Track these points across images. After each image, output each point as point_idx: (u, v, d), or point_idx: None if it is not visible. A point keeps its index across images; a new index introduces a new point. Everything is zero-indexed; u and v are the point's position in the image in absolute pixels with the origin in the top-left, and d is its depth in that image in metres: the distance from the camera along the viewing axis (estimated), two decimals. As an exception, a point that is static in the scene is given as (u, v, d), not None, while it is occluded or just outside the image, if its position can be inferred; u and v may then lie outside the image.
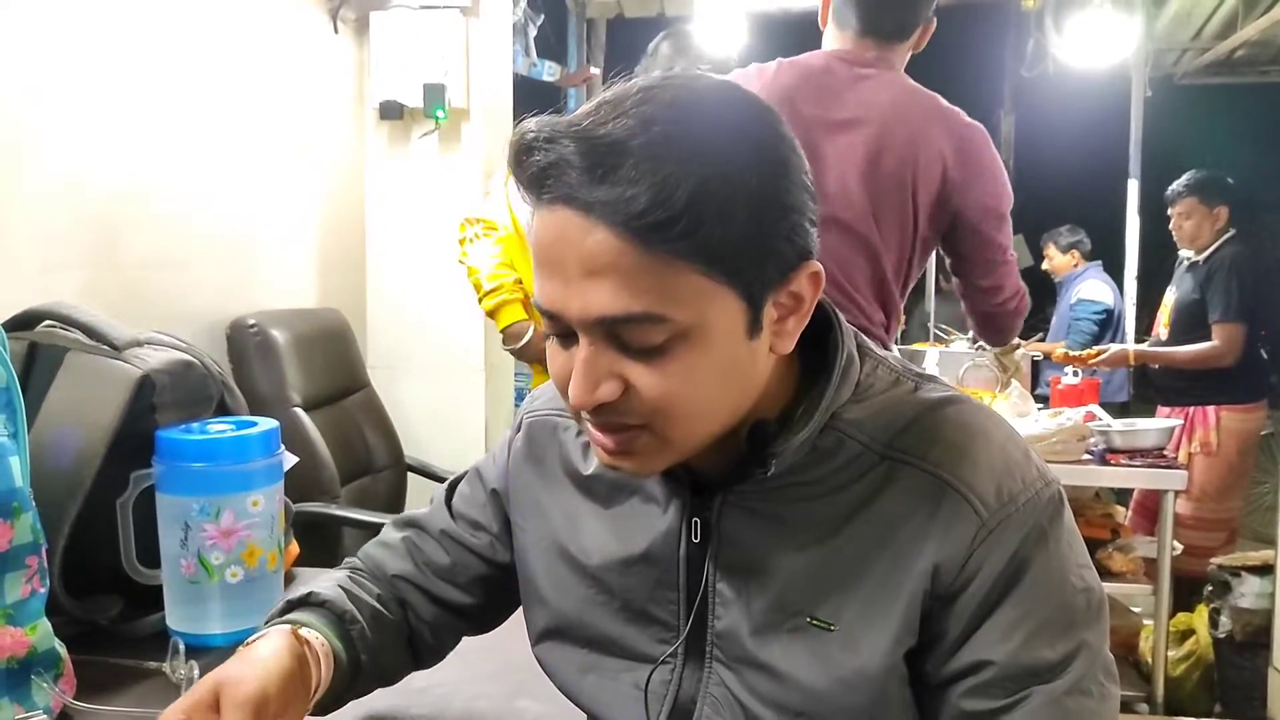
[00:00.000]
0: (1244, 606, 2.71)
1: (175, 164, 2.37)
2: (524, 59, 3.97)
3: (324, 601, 0.88)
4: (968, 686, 0.71)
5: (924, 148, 1.77)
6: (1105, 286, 4.83)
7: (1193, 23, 5.14)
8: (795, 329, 0.72)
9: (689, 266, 0.64)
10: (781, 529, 0.75)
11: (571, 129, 0.65)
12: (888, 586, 0.72)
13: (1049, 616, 0.70)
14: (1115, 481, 2.96)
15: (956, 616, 0.71)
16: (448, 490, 0.99)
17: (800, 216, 0.68)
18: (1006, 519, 0.71)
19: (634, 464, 0.73)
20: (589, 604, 0.85)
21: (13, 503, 0.88)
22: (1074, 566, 0.73)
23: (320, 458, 2.48)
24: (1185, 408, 3.48)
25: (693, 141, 0.64)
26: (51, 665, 0.93)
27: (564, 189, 0.64)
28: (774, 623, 0.75)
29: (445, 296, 3.21)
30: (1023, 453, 0.75)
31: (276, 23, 2.79)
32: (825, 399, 0.73)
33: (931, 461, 0.72)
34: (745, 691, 0.77)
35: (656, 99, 0.66)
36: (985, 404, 0.80)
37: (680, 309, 0.65)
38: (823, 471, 0.74)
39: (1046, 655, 0.70)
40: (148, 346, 1.20)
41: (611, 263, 0.64)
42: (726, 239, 0.64)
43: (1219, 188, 3.51)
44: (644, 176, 0.62)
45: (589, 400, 0.68)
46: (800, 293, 0.71)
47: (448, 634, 0.98)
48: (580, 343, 0.68)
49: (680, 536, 0.79)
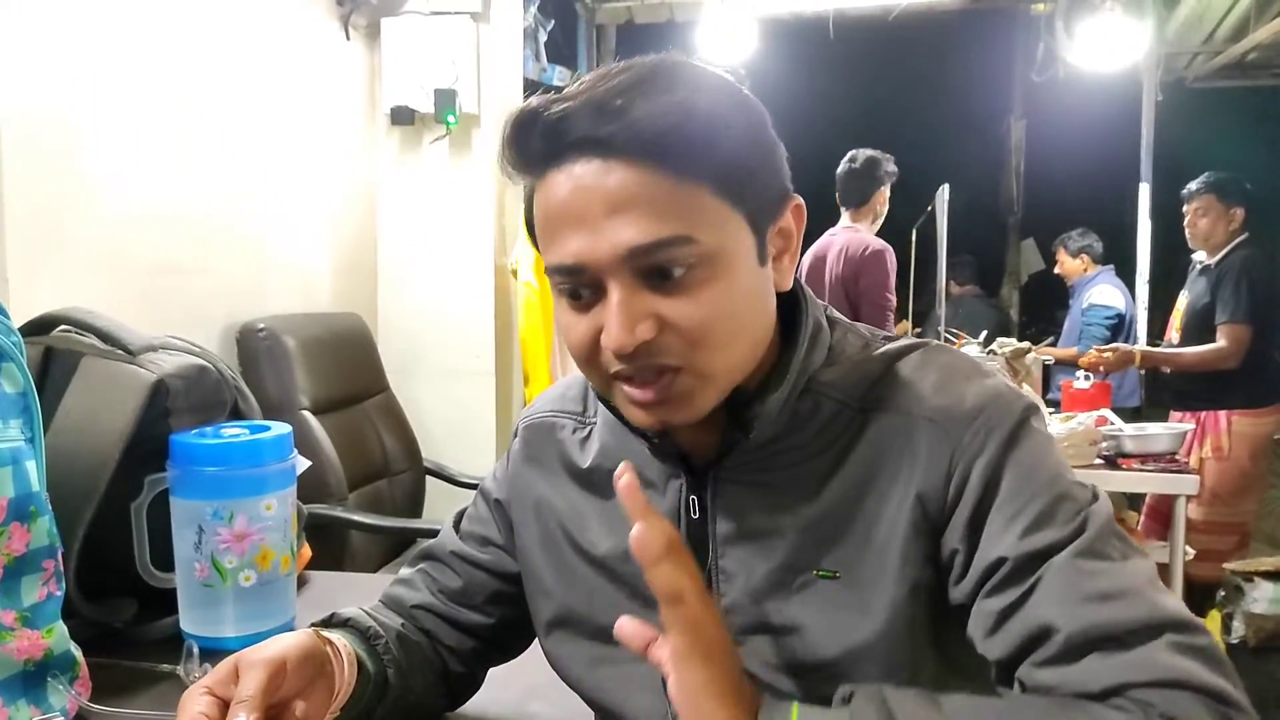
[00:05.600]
0: (1257, 612, 2.70)
1: (188, 169, 2.38)
2: (534, 64, 3.99)
3: (346, 620, 0.89)
4: (989, 588, 0.70)
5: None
6: (1117, 291, 4.81)
7: (1204, 26, 5.11)
8: (789, 267, 0.77)
9: (705, 189, 0.69)
10: (775, 495, 0.77)
11: (569, 94, 0.69)
12: (879, 526, 0.74)
13: (1047, 503, 0.70)
14: (1127, 486, 2.95)
15: (959, 534, 0.72)
16: (456, 518, 1.01)
17: (781, 151, 0.75)
18: (978, 430, 0.72)
19: (675, 410, 0.73)
20: (597, 593, 0.85)
21: (30, 506, 0.89)
22: (1059, 461, 0.73)
23: (329, 461, 2.49)
24: (1197, 412, 3.46)
25: (687, 82, 0.69)
26: (67, 668, 0.94)
27: (577, 135, 0.67)
28: (784, 583, 0.76)
29: (456, 300, 3.23)
30: (989, 375, 0.77)
31: (289, 30, 2.80)
32: (795, 360, 0.76)
33: (902, 404, 0.75)
34: (758, 663, 0.77)
35: (642, 63, 0.71)
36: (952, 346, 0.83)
37: (705, 231, 0.69)
38: (806, 434, 0.77)
39: (1053, 536, 0.69)
40: (162, 351, 1.20)
41: (634, 194, 0.67)
42: (733, 163, 0.70)
43: (1237, 189, 3.49)
44: (653, 107, 0.67)
45: (630, 341, 0.69)
46: (789, 229, 0.76)
47: (474, 660, 0.97)
48: (611, 289, 0.69)
49: (680, 517, 0.80)
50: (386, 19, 3.12)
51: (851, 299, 3.49)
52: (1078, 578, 0.67)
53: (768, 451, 0.77)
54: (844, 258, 3.53)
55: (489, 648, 0.98)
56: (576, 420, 0.90)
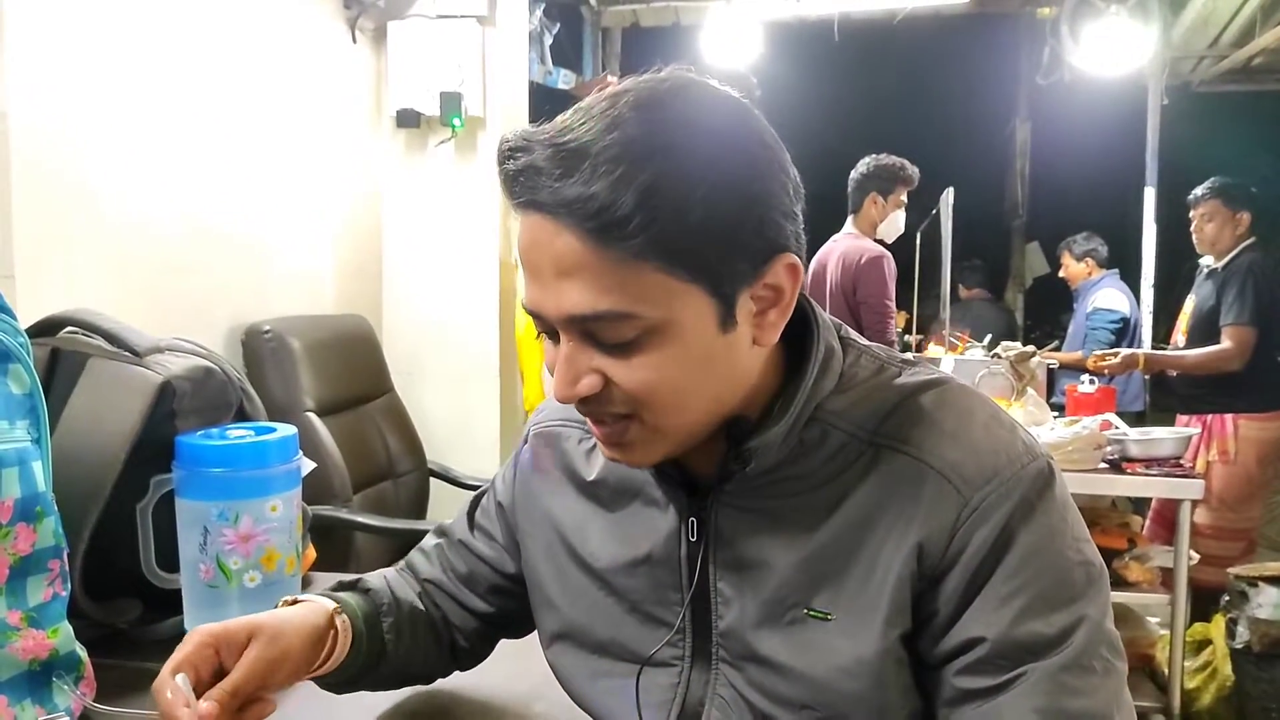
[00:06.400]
0: (1261, 617, 2.68)
1: (195, 171, 2.39)
2: (539, 67, 4.00)
3: (369, 590, 0.93)
4: (962, 665, 0.70)
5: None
6: (1121, 295, 4.81)
7: (1210, 30, 5.10)
8: (778, 321, 0.72)
9: (649, 265, 0.66)
10: (775, 524, 0.76)
11: (542, 136, 0.67)
12: (876, 571, 0.72)
13: (1043, 590, 0.69)
14: (1131, 490, 2.94)
15: (946, 596, 0.71)
16: (473, 500, 1.02)
17: (769, 210, 0.68)
18: (989, 495, 0.70)
19: (629, 454, 0.74)
20: (598, 607, 0.85)
21: (36, 507, 0.89)
22: (1069, 540, 0.72)
23: (333, 463, 2.49)
24: (1204, 415, 3.45)
25: (650, 141, 0.65)
26: (72, 668, 0.94)
27: (532, 193, 0.66)
28: (774, 616, 0.76)
29: (461, 303, 3.23)
30: (1008, 429, 0.75)
31: (295, 33, 2.81)
32: (801, 391, 0.74)
33: (914, 445, 0.73)
34: (751, 689, 0.77)
35: (625, 102, 0.67)
36: (969, 385, 0.80)
37: (647, 306, 0.67)
38: (811, 464, 0.75)
39: (1042, 630, 0.68)
40: (168, 353, 1.21)
41: (578, 264, 0.66)
42: (683, 235, 0.65)
43: (1243, 193, 3.48)
44: (600, 178, 0.64)
45: (570, 394, 0.70)
46: (779, 285, 0.71)
47: (478, 638, 1.00)
48: (561, 341, 0.70)
49: (680, 538, 0.80)
50: (393, 22, 3.13)
51: (851, 307, 3.50)
52: (1056, 693, 0.67)
53: (771, 478, 0.76)
54: (842, 266, 3.54)
55: (493, 629, 1.01)
56: (583, 431, 0.89)
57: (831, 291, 3.54)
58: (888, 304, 3.50)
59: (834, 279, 3.54)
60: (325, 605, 0.86)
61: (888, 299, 3.50)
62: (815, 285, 3.57)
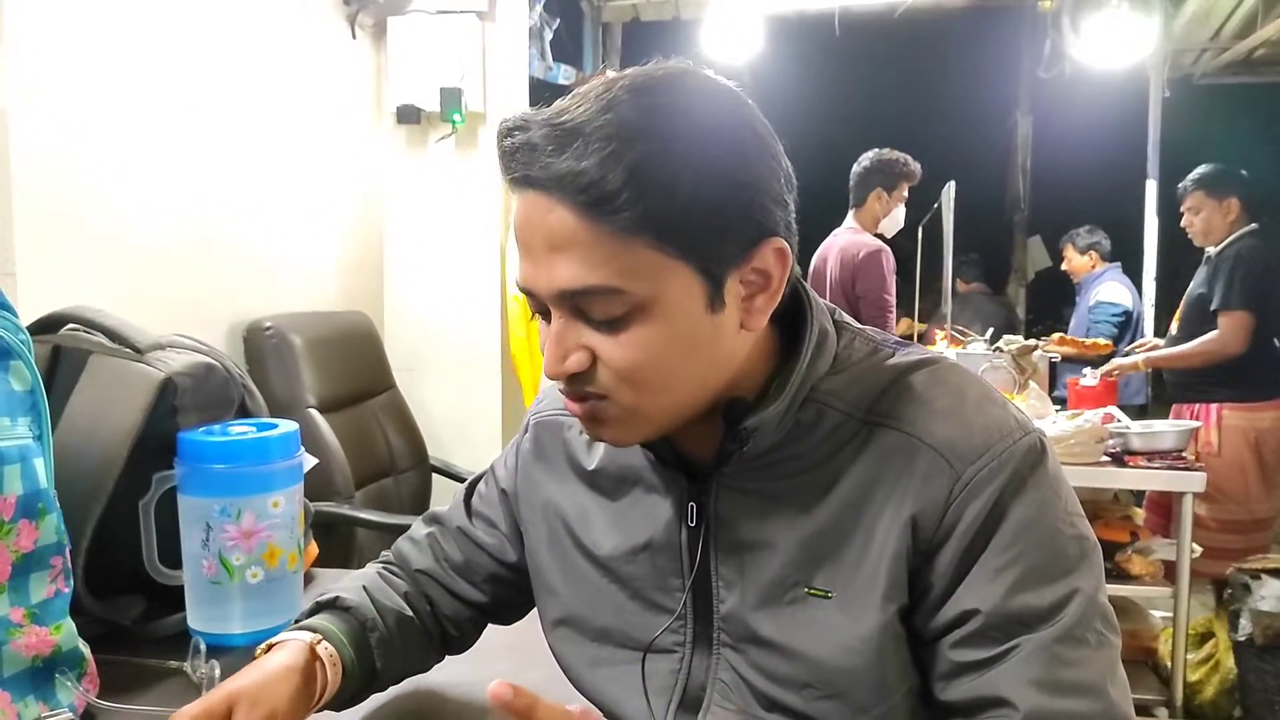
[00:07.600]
0: (1264, 610, 2.68)
1: (196, 168, 2.39)
2: (540, 63, 3.98)
3: (349, 608, 0.91)
4: (957, 638, 0.71)
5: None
6: (1124, 288, 4.80)
7: (1211, 22, 5.09)
8: (766, 306, 0.73)
9: (640, 241, 0.67)
10: (773, 505, 0.77)
11: (540, 117, 0.69)
12: (872, 547, 0.73)
13: (1035, 563, 0.70)
14: (1134, 483, 2.93)
15: (940, 570, 0.71)
16: (468, 488, 1.03)
17: (758, 194, 0.70)
18: (982, 469, 0.71)
19: (606, 432, 0.75)
20: (600, 594, 0.86)
21: (38, 503, 0.89)
22: (1061, 513, 0.72)
23: (335, 459, 2.50)
24: (1191, 404, 3.39)
25: (642, 122, 0.66)
26: (75, 664, 0.94)
27: (526, 169, 0.68)
28: (774, 597, 0.76)
29: (462, 299, 3.23)
30: (1000, 405, 0.76)
31: (295, 29, 2.81)
32: (797, 372, 0.75)
33: (907, 422, 0.74)
34: (753, 671, 0.77)
35: (621, 86, 0.69)
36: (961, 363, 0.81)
37: (636, 282, 0.68)
38: (808, 444, 0.76)
39: (1034, 603, 0.69)
40: (170, 350, 1.21)
41: (570, 238, 0.67)
42: (672, 213, 0.66)
43: (1227, 179, 3.41)
44: (591, 154, 0.65)
45: (559, 370, 0.71)
46: (767, 270, 0.72)
47: (469, 626, 1.01)
48: (553, 317, 0.71)
49: (680, 524, 0.80)
50: (393, 17, 3.12)
51: (851, 301, 3.49)
52: (1051, 664, 0.68)
53: (768, 460, 0.76)
54: (841, 260, 3.54)
55: (484, 617, 1.02)
56: None
57: (831, 286, 3.53)
58: (887, 298, 3.49)
59: (833, 274, 3.54)
60: (303, 640, 0.85)
61: (887, 293, 3.49)
62: (816, 280, 3.57)
